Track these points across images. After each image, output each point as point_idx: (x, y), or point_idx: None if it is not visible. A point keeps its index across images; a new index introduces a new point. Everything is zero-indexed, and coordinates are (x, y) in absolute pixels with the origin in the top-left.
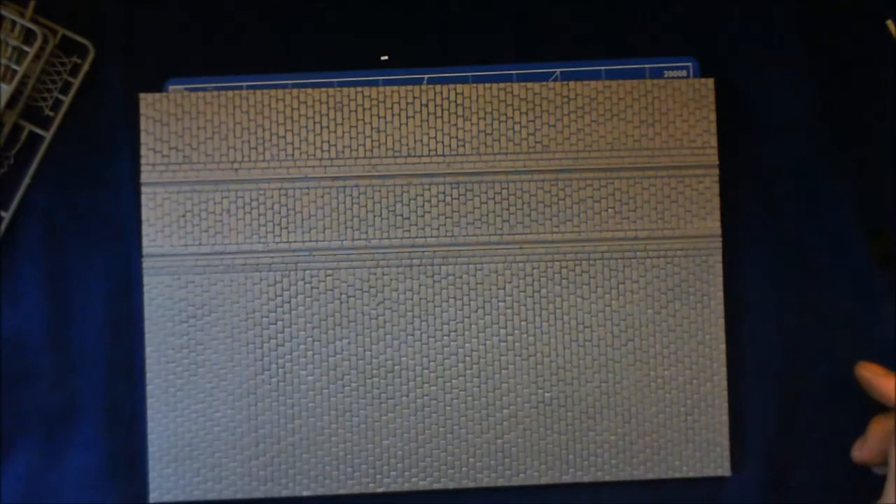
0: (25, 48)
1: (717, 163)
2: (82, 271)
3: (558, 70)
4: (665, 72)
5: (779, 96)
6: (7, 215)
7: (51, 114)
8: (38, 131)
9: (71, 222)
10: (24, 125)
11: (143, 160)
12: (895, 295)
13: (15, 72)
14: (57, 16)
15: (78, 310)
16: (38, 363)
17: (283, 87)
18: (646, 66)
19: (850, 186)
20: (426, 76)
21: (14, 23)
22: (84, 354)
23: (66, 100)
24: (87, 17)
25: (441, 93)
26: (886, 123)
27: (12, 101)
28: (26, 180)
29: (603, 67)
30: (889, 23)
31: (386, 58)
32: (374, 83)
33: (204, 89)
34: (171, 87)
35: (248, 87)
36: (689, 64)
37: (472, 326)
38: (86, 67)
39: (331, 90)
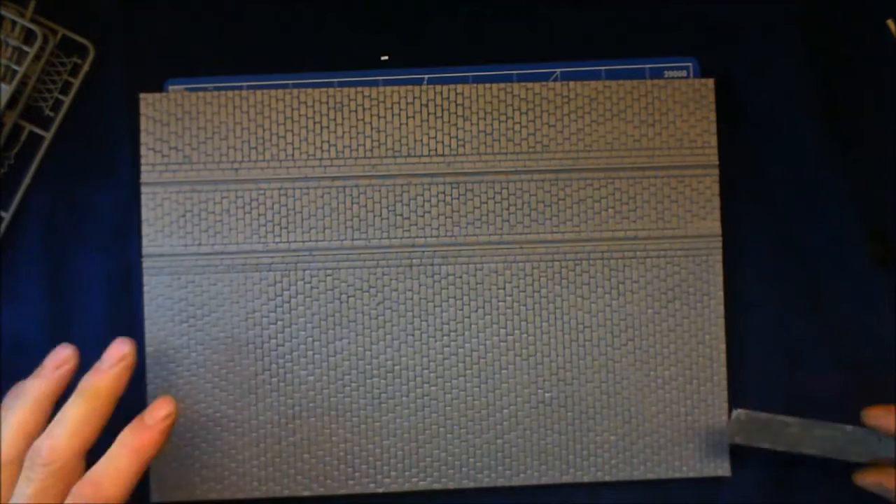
0: (25, 48)
1: (717, 163)
2: (82, 271)
3: (558, 70)
4: (665, 72)
5: (779, 96)
6: (7, 215)
7: (51, 114)
8: (39, 131)
9: (71, 222)
10: (24, 125)
11: (143, 160)
12: (895, 295)
13: (15, 72)
14: (57, 16)
15: (78, 310)
16: (39, 363)
17: (284, 87)
18: (646, 66)
19: (850, 186)
20: (426, 76)
21: (14, 23)
22: (84, 354)
23: (67, 100)
24: (87, 17)
25: (441, 93)
26: (887, 123)
27: (12, 102)
28: (26, 180)
29: (603, 67)
30: (889, 22)
31: (386, 58)
32: (374, 83)
33: (204, 89)
34: (171, 87)
35: (248, 88)
36: (690, 64)
37: (472, 326)
38: (86, 68)
39: (331, 90)
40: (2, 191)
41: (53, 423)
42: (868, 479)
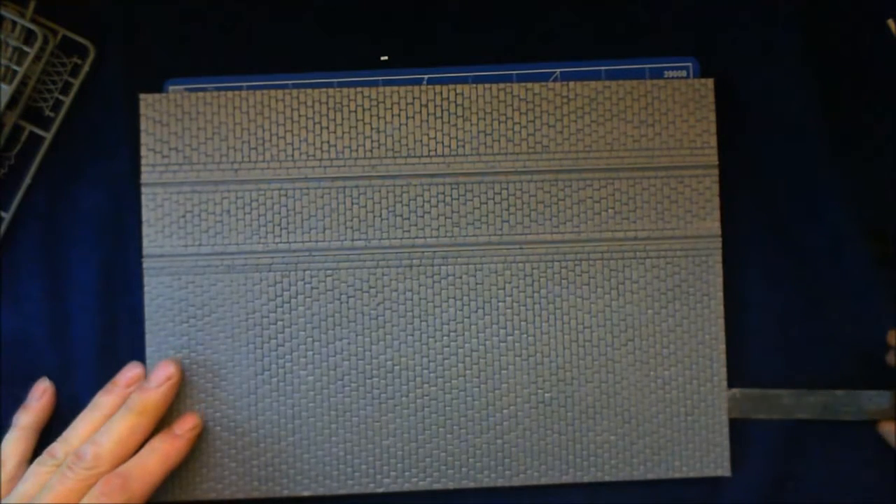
0: (26, 49)
1: (717, 163)
2: (82, 271)
3: (558, 70)
4: (665, 72)
5: (779, 96)
6: (7, 215)
7: (51, 114)
8: (39, 132)
9: (71, 222)
10: (24, 126)
11: (143, 161)
12: (895, 295)
13: (15, 72)
14: (57, 16)
15: (78, 310)
16: (39, 363)
17: (283, 87)
18: (646, 66)
19: (850, 186)
20: (426, 76)
21: (14, 23)
22: (84, 354)
23: (67, 100)
24: (86, 17)
25: (441, 93)
26: (887, 123)
27: (13, 102)
28: (26, 181)
29: (603, 68)
30: (890, 22)
31: (386, 58)
32: (374, 83)
33: (204, 89)
34: (171, 88)
35: (249, 88)
36: (689, 64)
37: (472, 327)
38: (86, 68)
39: (331, 91)
40: (2, 191)
41: (100, 431)
42: (886, 429)
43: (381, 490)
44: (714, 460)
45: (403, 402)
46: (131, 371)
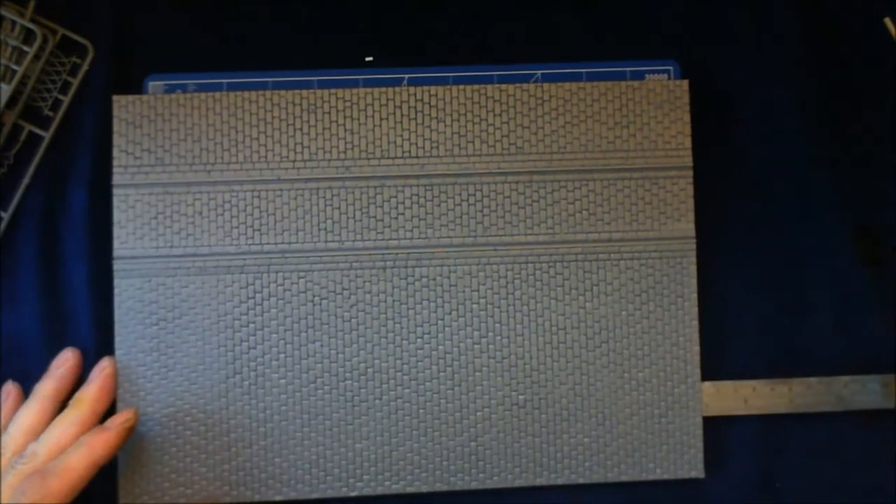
0: (25, 48)
1: (692, 164)
2: (80, 271)
3: (539, 72)
4: (646, 74)
5: (766, 96)
6: (6, 215)
7: (50, 114)
8: (38, 131)
9: (70, 222)
10: (23, 125)
11: (115, 162)
12: (879, 295)
13: (15, 72)
14: (57, 16)
15: (76, 310)
16: (36, 363)
17: (265, 85)
18: (627, 69)
19: (827, 186)
20: (406, 76)
21: (14, 23)
22: (82, 355)
23: (66, 100)
24: (86, 17)
25: (415, 95)
26: (876, 122)
27: (12, 101)
28: (26, 180)
29: (584, 70)
30: (887, 21)
31: (371, 59)
32: (355, 83)
33: (184, 86)
34: (150, 84)
35: (229, 85)
36: (671, 67)
37: (446, 329)
38: (85, 67)
39: (304, 92)
40: (1, 191)
41: (45, 431)
42: None
43: (354, 494)
44: (688, 462)
45: (377, 405)
46: (63, 354)
